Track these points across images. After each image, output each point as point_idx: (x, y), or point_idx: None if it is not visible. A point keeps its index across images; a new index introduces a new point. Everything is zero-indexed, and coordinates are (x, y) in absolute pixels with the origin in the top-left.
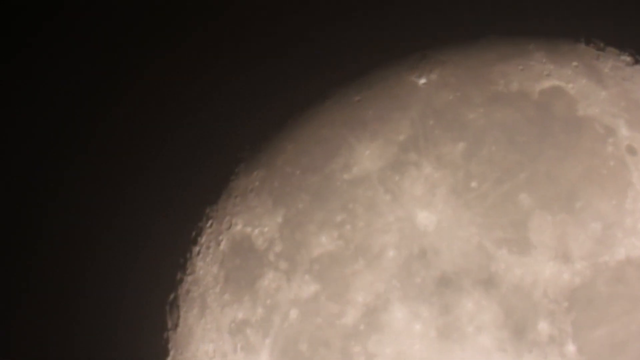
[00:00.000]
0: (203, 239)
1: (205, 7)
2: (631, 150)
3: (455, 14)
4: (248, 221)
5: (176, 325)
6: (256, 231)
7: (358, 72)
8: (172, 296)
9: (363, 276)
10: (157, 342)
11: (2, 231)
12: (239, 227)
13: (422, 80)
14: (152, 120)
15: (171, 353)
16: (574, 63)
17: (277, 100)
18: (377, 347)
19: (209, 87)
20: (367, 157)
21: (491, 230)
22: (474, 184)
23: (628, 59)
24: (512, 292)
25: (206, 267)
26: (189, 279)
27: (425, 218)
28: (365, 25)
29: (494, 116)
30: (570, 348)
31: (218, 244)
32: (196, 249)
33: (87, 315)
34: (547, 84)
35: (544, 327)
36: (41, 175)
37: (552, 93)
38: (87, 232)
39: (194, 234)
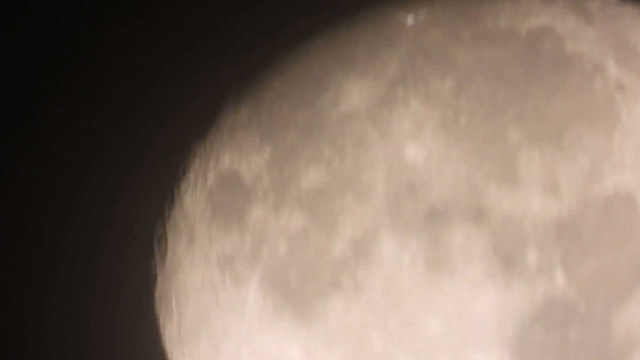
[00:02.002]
0: (191, 175)
1: None
2: (620, 88)
3: None
4: (236, 157)
5: (164, 258)
6: (244, 167)
7: (347, 10)
8: (159, 230)
9: (351, 210)
10: (145, 274)
11: None
12: (226, 163)
13: (411, 19)
14: (141, 56)
15: (159, 285)
16: (562, 2)
17: (265, 38)
18: (366, 277)
19: (196, 25)
20: (355, 94)
21: (480, 165)
22: (462, 120)
23: None
24: (500, 225)
25: (194, 202)
26: (177, 214)
27: (414, 153)
28: None
29: (483, 54)
30: (559, 279)
31: (206, 180)
32: (184, 185)
33: (72, 248)
34: (535, 22)
35: (532, 258)
36: (27, 106)
37: (540, 31)
38: (72, 167)
39: (181, 170)
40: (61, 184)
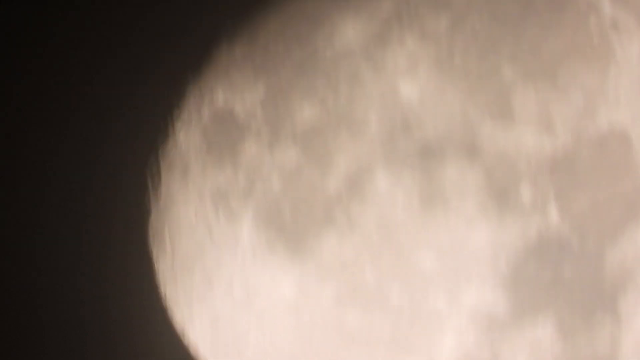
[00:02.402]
0: (185, 112)
1: None
2: (614, 26)
3: None
4: (230, 94)
5: (158, 194)
6: (238, 103)
7: None
8: (153, 166)
9: (346, 146)
10: (138, 208)
11: None
12: (220, 99)
13: None
14: None
15: (152, 218)
16: None
17: None
18: (359, 213)
19: None
20: (350, 32)
21: (475, 102)
22: (457, 58)
23: None
24: (495, 161)
25: (188, 139)
26: (171, 150)
27: (408, 90)
28: None
29: None
30: (553, 215)
31: (200, 117)
32: (178, 121)
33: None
34: None
35: (526, 194)
36: (16, 39)
37: None
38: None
39: (176, 107)
40: (54, 118)
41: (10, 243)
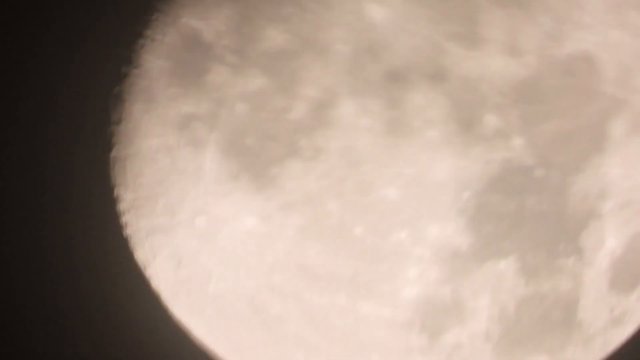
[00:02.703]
0: (149, 32)
1: None
2: None
3: None
4: (195, 14)
5: (121, 120)
6: (203, 24)
7: None
8: (116, 89)
9: (311, 70)
10: (101, 136)
11: None
12: (185, 19)
13: None
14: None
15: (116, 147)
16: None
17: None
18: (324, 141)
19: None
20: None
21: (441, 24)
22: None
23: None
24: (460, 85)
25: (152, 60)
26: (135, 72)
27: (374, 11)
28: None
29: None
30: (518, 141)
31: (164, 37)
32: (142, 41)
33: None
34: None
35: (491, 120)
36: None
37: None
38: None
39: (140, 26)
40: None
41: None
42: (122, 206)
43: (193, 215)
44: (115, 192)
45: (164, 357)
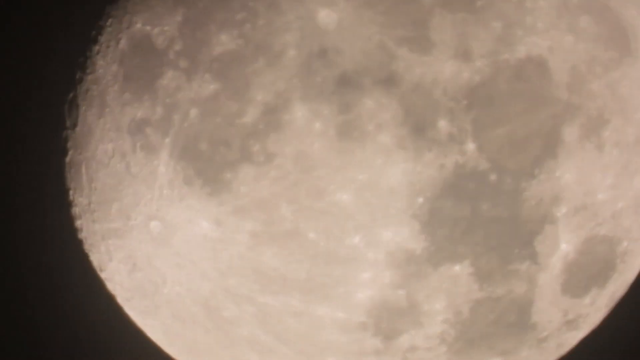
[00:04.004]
0: (103, 38)
1: None
2: None
3: None
4: (148, 20)
5: (75, 125)
6: (156, 30)
7: None
8: (71, 95)
9: (263, 75)
10: (55, 141)
11: None
12: (138, 25)
13: None
14: None
15: (70, 152)
16: None
17: None
18: (277, 146)
19: None
20: None
21: (392, 28)
22: None
23: None
24: (412, 90)
25: (106, 65)
26: (89, 77)
27: (326, 16)
28: None
29: None
30: (470, 146)
31: (117, 43)
32: (96, 47)
33: None
34: None
35: (443, 125)
36: None
37: None
38: None
39: (93, 32)
40: None
41: None
42: (77, 210)
43: (147, 220)
44: (70, 196)
45: (119, 358)
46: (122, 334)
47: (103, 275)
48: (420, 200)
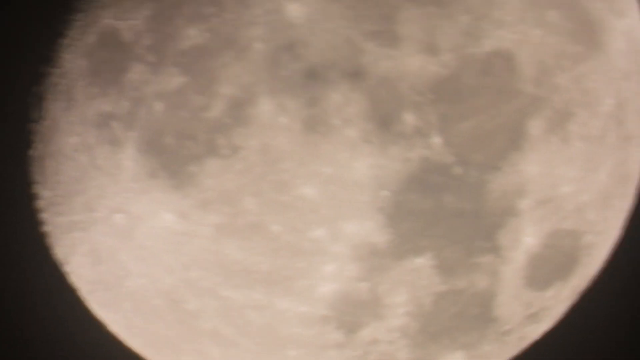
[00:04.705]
0: (69, 32)
1: None
2: None
3: None
4: (116, 14)
5: (41, 118)
6: (124, 24)
7: None
8: (37, 88)
9: (230, 69)
10: (20, 134)
11: None
12: (106, 20)
13: None
14: None
15: (36, 145)
16: None
17: None
18: (243, 140)
19: None
20: None
21: (359, 23)
22: None
23: None
24: (378, 84)
25: (72, 59)
26: (54, 71)
27: (294, 10)
28: None
29: None
30: (437, 140)
31: (84, 37)
32: (62, 41)
33: None
34: None
35: (410, 119)
36: None
37: None
38: None
39: (60, 26)
40: None
41: None
42: (41, 203)
43: (111, 213)
44: (34, 189)
45: (81, 352)
46: (84, 327)
47: (66, 268)
48: (385, 193)
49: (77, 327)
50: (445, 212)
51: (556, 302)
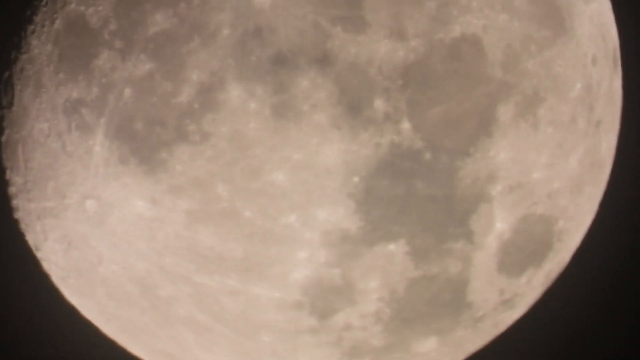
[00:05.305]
0: (37, 17)
1: None
2: None
3: None
4: (83, 4)
5: (11, 104)
6: (91, 9)
7: None
8: (6, 74)
9: (198, 54)
10: None
11: None
12: (73, 5)
13: None
14: None
15: (6, 132)
16: None
17: None
18: (212, 126)
19: None
20: None
21: (327, 8)
22: None
23: None
24: (347, 70)
25: (41, 45)
26: (24, 57)
27: None
28: None
29: None
30: (406, 125)
31: (52, 22)
32: (30, 27)
33: None
34: None
35: (379, 104)
36: None
37: None
38: None
39: (28, 12)
40: None
41: None
42: (12, 190)
43: (83, 199)
44: (6, 175)
45: (55, 338)
46: (57, 313)
47: (39, 255)
48: (356, 179)
49: (50, 314)
50: (416, 198)
51: (530, 289)
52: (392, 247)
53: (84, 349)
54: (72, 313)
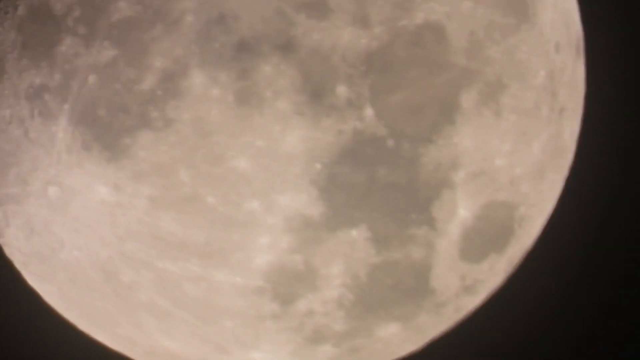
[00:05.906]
0: (1, 4)
1: None
2: None
3: None
4: None
5: None
6: None
7: None
8: None
9: (161, 41)
10: None
11: None
12: None
13: None
14: None
15: None
16: None
17: None
18: (175, 113)
19: None
20: None
21: None
22: None
23: None
24: (310, 56)
25: (4, 32)
26: None
27: None
28: None
29: None
30: (368, 112)
31: (16, 9)
32: None
33: None
34: None
35: (342, 91)
36: None
37: None
38: None
39: None
40: None
41: None
42: None
43: (45, 185)
44: None
45: (16, 323)
46: (20, 299)
47: (1, 241)
48: (318, 166)
49: (12, 299)
50: (378, 184)
51: (491, 274)
52: (354, 233)
53: (45, 334)
54: (34, 298)
